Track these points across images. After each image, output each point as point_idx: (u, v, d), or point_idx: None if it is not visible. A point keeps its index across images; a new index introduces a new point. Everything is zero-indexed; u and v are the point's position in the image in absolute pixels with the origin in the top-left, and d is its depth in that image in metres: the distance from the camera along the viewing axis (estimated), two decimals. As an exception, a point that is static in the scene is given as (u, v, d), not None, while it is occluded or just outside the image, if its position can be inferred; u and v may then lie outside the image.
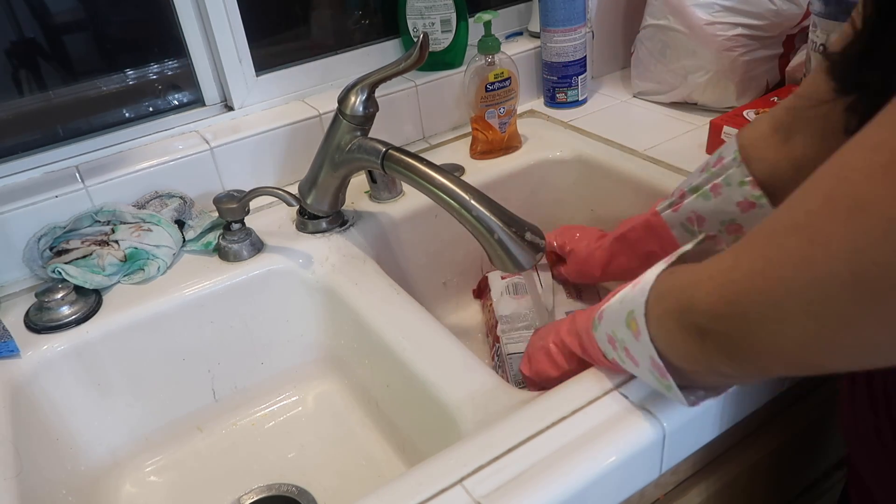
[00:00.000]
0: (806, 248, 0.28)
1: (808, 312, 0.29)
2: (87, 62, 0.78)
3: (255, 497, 0.66)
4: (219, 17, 0.80)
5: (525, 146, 0.91)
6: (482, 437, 0.47)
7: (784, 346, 0.31)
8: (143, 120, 0.81)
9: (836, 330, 0.28)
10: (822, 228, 0.28)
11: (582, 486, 0.43)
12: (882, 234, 0.26)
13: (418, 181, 0.62)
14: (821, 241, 0.28)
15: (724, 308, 0.34)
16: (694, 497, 0.56)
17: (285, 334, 0.75)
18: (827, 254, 0.28)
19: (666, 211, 0.61)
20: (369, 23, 0.94)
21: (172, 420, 0.72)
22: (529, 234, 0.59)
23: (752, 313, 0.32)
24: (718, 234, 0.57)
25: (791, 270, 0.29)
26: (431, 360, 0.59)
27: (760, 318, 0.31)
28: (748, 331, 0.32)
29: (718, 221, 0.57)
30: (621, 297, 0.44)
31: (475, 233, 0.59)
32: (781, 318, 0.30)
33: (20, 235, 0.70)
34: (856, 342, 0.28)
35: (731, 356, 0.35)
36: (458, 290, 0.89)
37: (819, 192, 0.29)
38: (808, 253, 0.28)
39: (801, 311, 0.29)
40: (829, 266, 0.27)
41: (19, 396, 0.61)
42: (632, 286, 0.43)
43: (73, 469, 0.65)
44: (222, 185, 0.81)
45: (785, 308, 0.30)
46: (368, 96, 0.68)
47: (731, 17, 0.85)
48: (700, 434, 0.50)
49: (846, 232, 0.27)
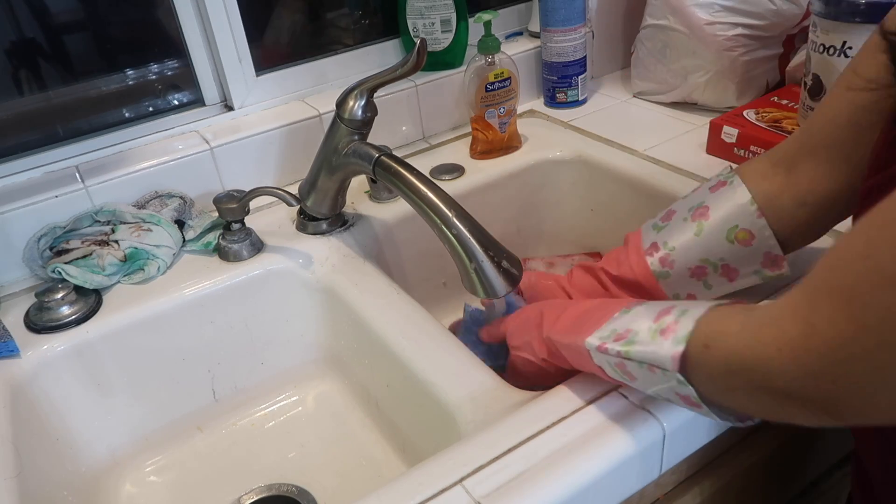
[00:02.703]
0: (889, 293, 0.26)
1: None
2: (87, 62, 0.78)
3: (255, 497, 0.66)
4: (219, 17, 0.80)
5: (525, 146, 0.91)
6: (482, 437, 0.47)
7: (887, 404, 0.28)
8: (143, 120, 0.81)
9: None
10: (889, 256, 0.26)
11: (582, 486, 0.43)
12: None
13: (404, 190, 0.62)
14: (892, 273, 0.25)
15: (807, 382, 0.31)
16: (693, 497, 0.56)
17: (285, 334, 0.75)
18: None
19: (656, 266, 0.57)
20: (369, 23, 0.94)
21: (172, 420, 0.72)
22: (506, 262, 0.58)
23: (844, 386, 0.29)
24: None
25: (889, 335, 0.26)
26: (431, 360, 0.59)
27: (856, 387, 0.29)
28: (844, 397, 0.30)
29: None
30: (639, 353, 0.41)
31: (452, 251, 0.58)
32: (882, 384, 0.28)
33: (20, 235, 0.70)
34: None
35: (829, 416, 0.32)
36: (459, 290, 0.89)
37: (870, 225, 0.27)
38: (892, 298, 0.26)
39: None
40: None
41: (19, 396, 0.61)
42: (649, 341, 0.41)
43: (73, 469, 0.65)
44: (222, 185, 0.81)
45: (886, 374, 0.27)
46: (367, 101, 0.68)
47: (731, 17, 0.85)
48: (700, 434, 0.50)
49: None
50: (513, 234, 0.92)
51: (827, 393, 0.30)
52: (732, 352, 0.35)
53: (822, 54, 0.73)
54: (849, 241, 0.29)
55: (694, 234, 0.55)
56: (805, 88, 0.77)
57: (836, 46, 0.71)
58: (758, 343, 0.33)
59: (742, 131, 0.78)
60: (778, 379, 0.32)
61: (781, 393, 0.33)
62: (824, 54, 0.72)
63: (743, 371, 0.35)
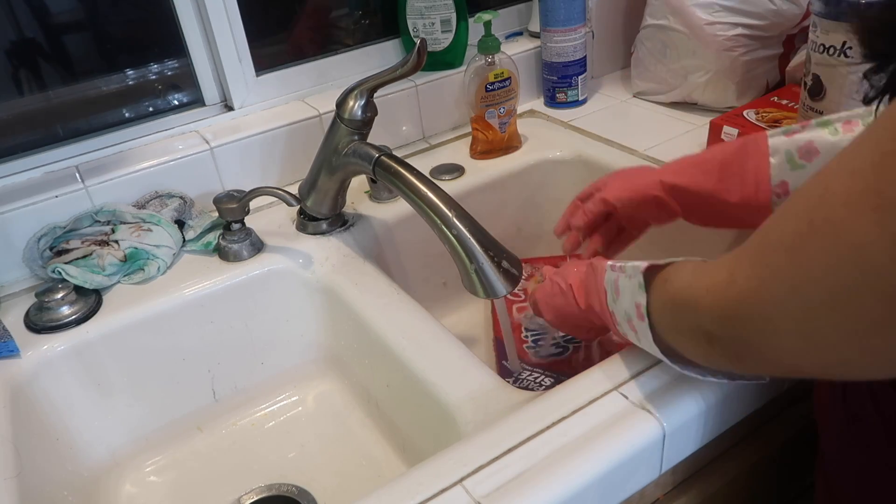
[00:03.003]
0: (793, 270, 0.30)
1: (798, 331, 0.31)
2: (87, 62, 0.78)
3: (255, 497, 0.66)
4: (219, 17, 0.80)
5: (525, 146, 0.91)
6: (482, 437, 0.47)
7: (781, 356, 0.33)
8: (143, 120, 0.81)
9: (820, 348, 0.31)
10: (806, 251, 0.30)
11: (582, 486, 0.43)
12: (852, 261, 0.27)
13: (404, 190, 0.62)
14: (804, 263, 0.30)
15: (724, 322, 0.36)
16: (694, 497, 0.56)
17: (285, 334, 0.75)
18: (809, 277, 0.29)
19: (778, 136, 0.55)
20: (369, 23, 0.94)
21: (172, 420, 0.72)
22: (506, 262, 0.58)
23: (749, 328, 0.34)
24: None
25: (782, 292, 0.31)
26: (431, 360, 0.59)
27: (757, 332, 0.34)
28: (749, 341, 0.34)
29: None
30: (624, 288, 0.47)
31: (452, 251, 0.58)
32: (775, 333, 0.32)
33: (20, 235, 0.70)
34: (838, 359, 0.31)
35: (738, 360, 0.37)
36: (459, 290, 0.89)
37: (804, 214, 0.30)
38: (795, 275, 0.30)
39: (792, 328, 0.31)
40: (813, 289, 0.29)
41: (19, 396, 0.61)
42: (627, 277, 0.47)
43: (73, 469, 0.65)
44: (222, 185, 0.81)
45: (778, 324, 0.32)
46: (367, 101, 0.68)
47: (731, 17, 0.85)
48: (700, 434, 0.50)
49: (825, 257, 0.29)
50: (513, 234, 0.92)
51: (737, 335, 0.35)
52: (678, 289, 0.41)
53: (822, 54, 0.73)
54: (773, 216, 0.33)
55: None
56: (805, 88, 0.77)
57: (836, 46, 0.71)
58: (695, 285, 0.39)
59: (742, 131, 0.78)
60: (703, 317, 0.37)
61: (706, 333, 0.38)
62: (824, 54, 0.72)
63: (681, 308, 0.40)
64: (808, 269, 0.29)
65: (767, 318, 0.32)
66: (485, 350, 0.81)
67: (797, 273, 0.30)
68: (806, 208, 0.31)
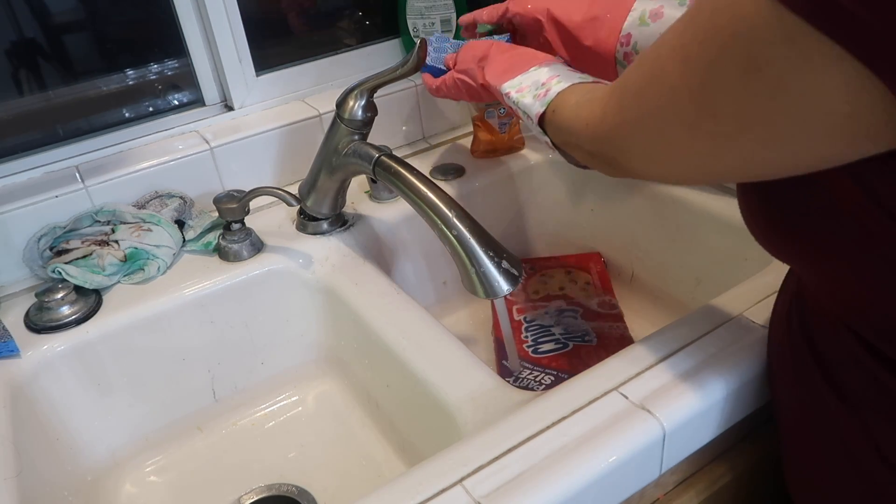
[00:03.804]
0: (642, 108, 0.40)
1: (642, 149, 0.42)
2: (87, 62, 0.78)
3: (255, 497, 0.66)
4: (219, 17, 0.80)
5: (525, 146, 0.91)
6: (482, 437, 0.47)
7: (635, 166, 0.44)
8: (143, 120, 0.81)
9: (654, 159, 0.42)
10: (647, 94, 0.39)
11: (582, 486, 0.43)
12: (667, 97, 0.37)
13: (404, 190, 0.62)
14: (644, 104, 0.40)
15: (598, 145, 0.47)
16: (693, 497, 0.56)
17: (285, 334, 0.75)
18: (647, 112, 0.40)
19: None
20: (369, 23, 0.94)
21: (172, 420, 0.72)
22: (506, 262, 0.58)
23: (615, 149, 0.45)
24: None
25: (636, 123, 0.41)
26: (431, 360, 0.59)
27: (620, 152, 0.44)
28: (615, 157, 0.45)
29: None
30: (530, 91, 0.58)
31: (452, 251, 0.58)
32: (630, 151, 0.43)
33: (20, 235, 0.70)
34: (667, 167, 0.42)
35: (609, 168, 0.48)
36: (459, 290, 0.89)
37: (647, 67, 0.39)
38: (643, 112, 0.40)
39: (639, 148, 0.42)
40: (649, 121, 0.40)
41: (19, 396, 0.61)
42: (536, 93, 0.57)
43: (73, 469, 0.65)
44: (222, 185, 0.81)
45: (631, 145, 0.43)
46: (367, 101, 0.68)
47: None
48: (700, 434, 0.50)
49: (656, 98, 0.38)
50: (513, 234, 0.92)
51: (607, 154, 0.46)
52: (564, 118, 0.52)
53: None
54: (631, 65, 0.42)
55: None
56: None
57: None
58: (577, 117, 0.50)
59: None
60: (584, 143, 0.49)
61: (588, 152, 0.49)
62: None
63: (568, 133, 0.52)
64: (646, 107, 0.39)
65: (625, 141, 0.43)
66: (485, 350, 0.81)
67: (644, 111, 0.40)
68: (649, 61, 0.39)
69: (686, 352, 0.52)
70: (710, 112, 0.34)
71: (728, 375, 0.49)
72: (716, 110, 0.34)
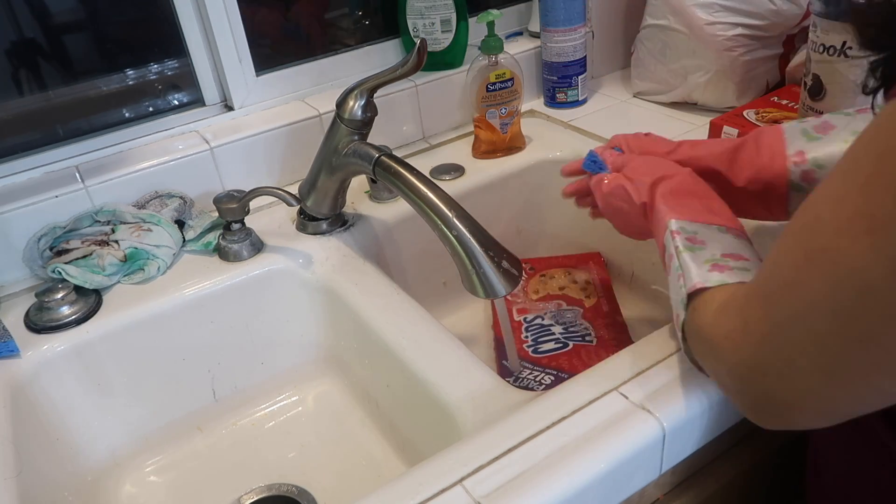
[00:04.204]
0: (801, 307, 0.31)
1: (816, 365, 0.31)
2: (87, 62, 0.78)
3: (255, 497, 0.66)
4: (219, 17, 0.80)
5: (525, 146, 0.91)
6: (482, 437, 0.47)
7: (805, 399, 0.33)
8: (143, 120, 0.81)
9: (836, 376, 0.31)
10: (806, 283, 0.30)
11: (582, 486, 0.43)
12: (851, 285, 0.28)
13: (404, 191, 0.62)
14: (807, 295, 0.30)
15: (745, 370, 0.36)
16: (694, 497, 0.56)
17: (285, 334, 0.75)
18: (818, 312, 0.30)
19: (792, 122, 0.55)
20: (369, 23, 0.94)
21: (172, 420, 0.72)
22: (506, 262, 0.58)
23: (771, 374, 0.34)
24: None
25: (795, 331, 0.31)
26: (431, 360, 0.59)
27: (779, 375, 0.33)
28: (771, 388, 0.34)
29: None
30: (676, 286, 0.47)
31: (453, 252, 0.58)
32: (795, 374, 0.32)
33: (20, 235, 0.70)
34: (857, 388, 0.31)
35: (761, 413, 0.37)
36: (459, 290, 0.89)
37: (799, 247, 0.31)
38: (804, 312, 0.31)
39: (811, 366, 0.31)
40: (817, 318, 0.30)
41: (19, 396, 0.61)
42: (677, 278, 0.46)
43: (73, 469, 0.65)
44: (222, 185, 0.81)
45: (797, 365, 0.32)
46: (367, 101, 0.68)
47: (731, 17, 0.85)
48: (700, 434, 0.50)
49: (825, 285, 0.29)
50: (513, 234, 0.92)
51: (758, 384, 0.35)
52: (701, 325, 0.41)
53: (822, 54, 0.73)
54: (773, 251, 0.34)
55: None
56: (805, 88, 0.77)
57: (836, 46, 0.71)
58: (716, 326, 0.39)
59: (742, 131, 0.78)
60: (724, 361, 0.38)
61: (726, 373, 0.38)
62: (824, 54, 0.72)
63: (705, 343, 0.41)
64: (815, 304, 0.30)
65: (788, 361, 0.32)
66: (485, 350, 0.81)
67: (806, 310, 0.30)
68: (800, 241, 0.31)
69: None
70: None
71: (728, 375, 0.49)
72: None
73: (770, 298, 0.33)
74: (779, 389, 0.34)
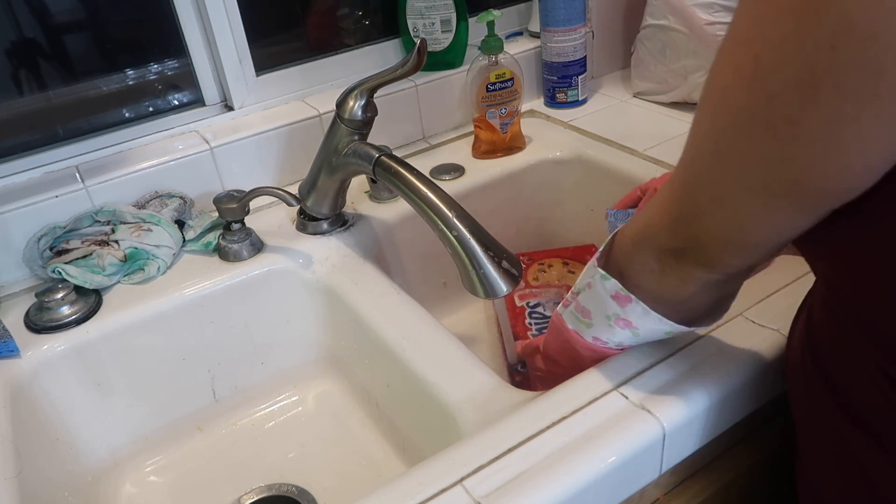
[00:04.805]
0: (693, 138, 0.35)
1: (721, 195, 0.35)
2: (87, 62, 0.78)
3: (255, 497, 0.66)
4: (219, 17, 0.80)
5: (525, 146, 0.91)
6: (482, 437, 0.47)
7: (727, 228, 0.36)
8: (143, 120, 0.81)
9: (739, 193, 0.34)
10: (701, 121, 0.35)
11: (582, 486, 0.43)
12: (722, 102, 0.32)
13: (404, 191, 0.61)
14: (697, 125, 0.35)
15: (681, 227, 0.39)
16: (693, 497, 0.56)
17: (285, 334, 0.75)
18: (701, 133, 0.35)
19: None
20: (369, 23, 0.94)
21: (172, 420, 0.72)
22: (506, 262, 0.58)
23: (699, 210, 0.37)
24: None
25: (700, 166, 0.35)
26: (431, 360, 0.59)
27: (704, 210, 0.36)
28: (700, 230, 0.37)
29: None
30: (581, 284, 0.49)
31: (453, 252, 0.58)
32: (713, 203, 0.35)
33: (20, 235, 0.70)
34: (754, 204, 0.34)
35: (701, 262, 0.40)
36: (459, 290, 0.89)
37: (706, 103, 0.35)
38: (695, 139, 0.35)
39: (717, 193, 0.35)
40: (707, 143, 0.34)
41: (19, 396, 0.61)
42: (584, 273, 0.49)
43: (73, 469, 0.65)
44: (222, 185, 0.81)
45: (711, 194, 0.35)
46: (367, 101, 0.68)
47: (731, 17, 0.85)
48: (700, 434, 0.50)
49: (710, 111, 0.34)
50: (513, 234, 0.92)
51: (693, 234, 0.38)
52: (633, 232, 0.44)
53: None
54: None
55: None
56: (805, 88, 0.77)
57: (837, 46, 0.71)
58: (646, 219, 0.42)
59: (742, 131, 0.78)
60: (660, 237, 0.41)
61: (668, 252, 0.41)
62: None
63: (642, 243, 0.43)
64: (701, 125, 0.34)
65: (708, 190, 0.35)
66: (485, 350, 0.82)
67: (696, 134, 0.35)
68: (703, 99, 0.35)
69: (686, 352, 0.52)
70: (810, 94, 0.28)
71: (728, 376, 0.49)
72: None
73: (692, 141, 0.36)
74: (707, 228, 0.37)
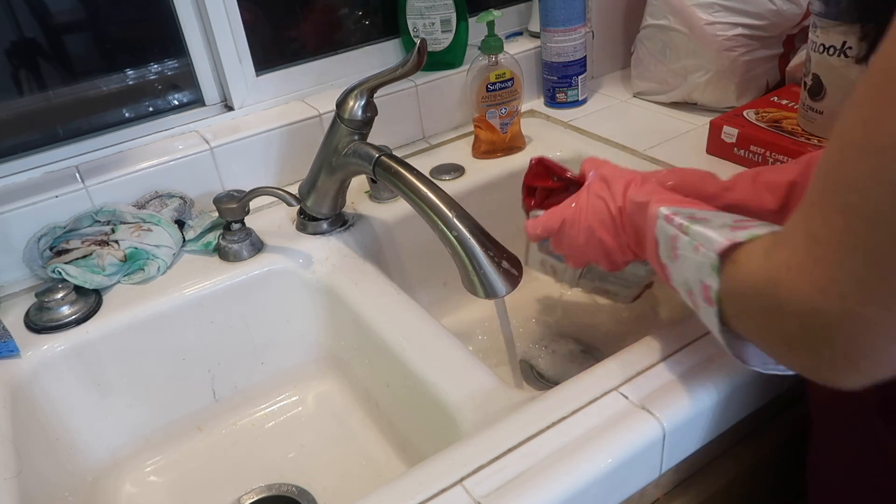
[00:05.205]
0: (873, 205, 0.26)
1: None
2: (87, 62, 0.78)
3: (255, 497, 0.66)
4: (219, 17, 0.80)
5: (525, 146, 0.91)
6: (482, 437, 0.47)
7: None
8: (143, 120, 0.81)
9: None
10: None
11: (582, 486, 0.43)
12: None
13: (404, 191, 0.62)
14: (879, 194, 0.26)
15: (822, 298, 0.29)
16: (694, 497, 0.56)
17: (285, 334, 0.75)
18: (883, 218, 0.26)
19: None
20: (369, 23, 0.94)
21: (172, 420, 0.72)
22: (506, 262, 0.58)
23: (860, 290, 0.28)
24: None
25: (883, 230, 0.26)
26: (431, 360, 0.59)
27: (872, 291, 0.27)
28: (861, 310, 0.28)
29: None
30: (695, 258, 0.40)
31: (452, 252, 0.58)
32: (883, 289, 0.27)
33: (20, 235, 0.70)
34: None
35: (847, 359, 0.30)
36: (459, 290, 0.89)
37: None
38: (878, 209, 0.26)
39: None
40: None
41: (19, 396, 0.61)
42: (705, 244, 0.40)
43: (73, 469, 0.65)
44: (222, 185, 0.81)
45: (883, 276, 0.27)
46: (367, 101, 0.68)
47: (731, 17, 0.85)
48: (700, 434, 0.50)
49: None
50: (513, 234, 0.92)
51: (840, 312, 0.28)
52: (751, 271, 0.35)
53: (822, 54, 0.73)
54: (825, 158, 0.29)
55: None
56: (805, 88, 0.77)
57: (836, 46, 0.71)
58: (771, 264, 0.32)
59: (742, 131, 0.78)
60: (789, 300, 0.31)
61: (793, 320, 0.31)
62: (824, 54, 0.72)
63: (758, 291, 0.34)
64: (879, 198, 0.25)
65: (875, 261, 0.26)
66: (485, 349, 0.81)
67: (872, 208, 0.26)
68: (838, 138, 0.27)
69: (686, 352, 0.52)
70: None
71: (728, 375, 0.49)
72: None
73: (828, 195, 0.27)
74: (866, 309, 0.27)
